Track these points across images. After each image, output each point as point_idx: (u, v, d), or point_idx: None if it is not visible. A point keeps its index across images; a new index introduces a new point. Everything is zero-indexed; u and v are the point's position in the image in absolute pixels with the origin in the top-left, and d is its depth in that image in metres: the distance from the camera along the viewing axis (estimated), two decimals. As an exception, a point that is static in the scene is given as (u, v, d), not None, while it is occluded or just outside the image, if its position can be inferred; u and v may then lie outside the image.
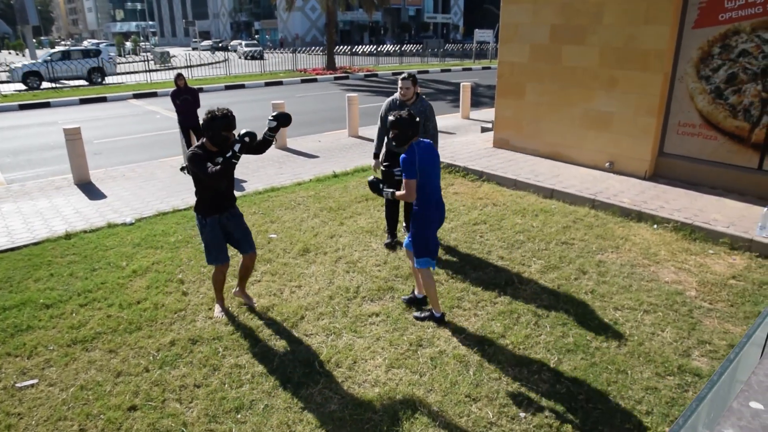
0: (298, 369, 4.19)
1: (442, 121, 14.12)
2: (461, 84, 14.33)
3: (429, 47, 45.61)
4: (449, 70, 33.17)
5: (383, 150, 6.23)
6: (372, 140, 12.08)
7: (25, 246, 6.73)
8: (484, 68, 34.53)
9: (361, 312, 4.94)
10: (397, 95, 6.03)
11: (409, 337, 4.57)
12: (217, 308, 4.97)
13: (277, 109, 10.94)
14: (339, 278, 5.60)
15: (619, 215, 7.20)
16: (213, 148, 4.42)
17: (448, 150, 10.43)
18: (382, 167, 6.22)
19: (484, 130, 12.60)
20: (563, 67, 9.22)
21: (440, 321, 4.73)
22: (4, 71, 26.68)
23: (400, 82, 5.93)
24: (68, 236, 6.92)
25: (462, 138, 11.76)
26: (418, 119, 4.34)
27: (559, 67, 9.27)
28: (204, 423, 3.67)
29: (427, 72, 31.99)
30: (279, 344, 4.52)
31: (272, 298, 5.22)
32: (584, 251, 6.13)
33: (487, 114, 14.66)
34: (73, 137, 9.34)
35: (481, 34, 45.58)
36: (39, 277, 5.81)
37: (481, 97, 19.47)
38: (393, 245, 6.34)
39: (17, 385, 4.13)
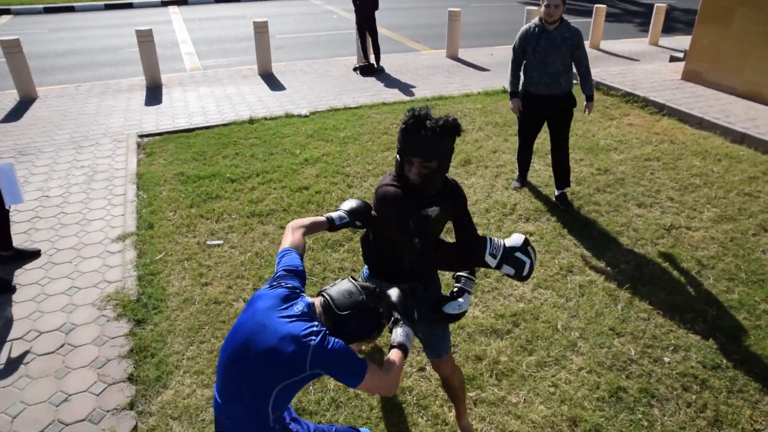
0: (448, 273, 4.39)
1: (626, 45, 12.92)
2: (655, 5, 12.85)
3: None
4: (642, -12, 29.65)
5: None
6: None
7: (216, 126, 7.55)
8: (684, -12, 30.37)
9: (515, 229, 4.97)
10: (536, 20, 5.02)
11: (560, 261, 4.54)
12: None
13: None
14: (497, 193, 5.62)
15: (825, 171, 6.28)
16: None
17: (629, 77, 9.61)
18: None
19: (673, 59, 11.34)
20: (790, -8, 7.86)
21: None
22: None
23: None
24: (251, 121, 7.63)
25: (646, 66, 10.72)
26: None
27: (786, -10, 7.92)
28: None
29: (616, -12, 28.90)
30: (431, 246, 4.73)
31: (429, 203, 5.41)
32: (772, 205, 5.50)
33: (679, 42, 13.09)
34: (260, 30, 9.99)
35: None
36: (227, 155, 6.54)
37: (674, 22, 17.34)
38: (521, 188, 5.82)
39: (208, 242, 4.82)
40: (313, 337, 1.85)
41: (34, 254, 4.69)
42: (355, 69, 10.44)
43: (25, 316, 4.03)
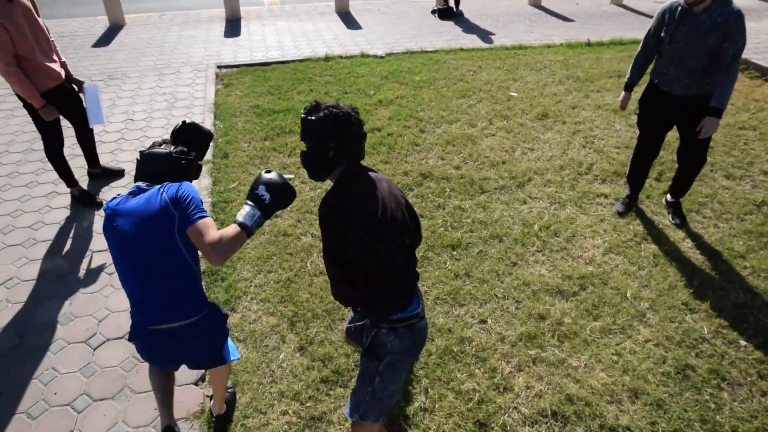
0: (516, 227, 4.30)
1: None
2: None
3: None
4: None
5: None
6: (638, 13, 10.75)
7: (292, 61, 7.54)
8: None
9: (589, 189, 4.79)
10: None
11: (635, 227, 4.35)
12: None
13: None
14: (573, 151, 5.41)
15: None
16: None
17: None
18: None
19: (784, 20, 10.36)
20: None
21: None
22: None
23: None
24: (327, 59, 7.57)
25: (751, 24, 9.84)
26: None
27: None
28: (423, 249, 4.04)
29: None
30: (502, 198, 4.64)
31: (503, 155, 5.27)
32: None
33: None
34: (342, -36, 9.78)
35: None
36: (301, 90, 6.55)
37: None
38: (624, 214, 4.54)
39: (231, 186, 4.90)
40: (164, 187, 2.13)
41: (119, 173, 4.91)
42: (433, 12, 10.11)
43: (107, 231, 4.26)
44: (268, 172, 2.19)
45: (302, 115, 2.17)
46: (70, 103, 4.34)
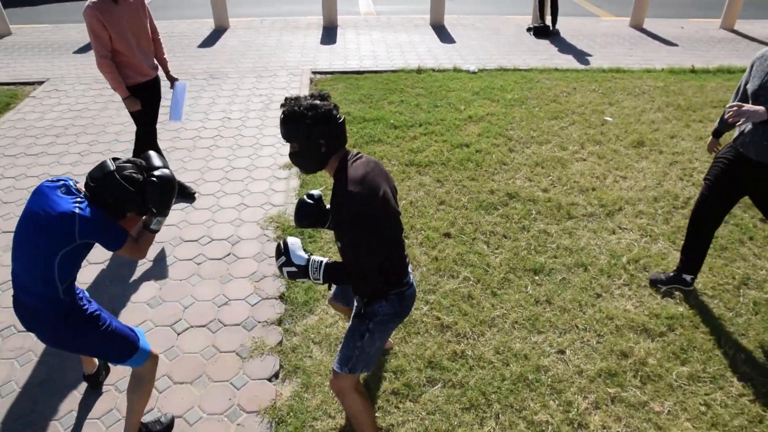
0: (603, 257, 4.14)
1: None
2: None
3: None
4: None
5: None
6: (751, 39, 10.12)
7: (385, 71, 7.65)
8: None
9: (685, 225, 4.53)
10: None
11: (734, 270, 4.08)
12: None
13: None
14: (670, 182, 5.15)
15: None
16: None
17: None
18: None
19: None
20: None
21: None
22: None
23: None
24: (419, 71, 7.63)
25: None
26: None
27: None
28: (503, 271, 3.97)
29: None
30: (590, 226, 4.49)
31: (594, 181, 5.10)
32: None
33: None
34: (441, -22, 9.83)
35: None
36: (392, 101, 6.63)
37: None
38: (659, 286, 3.93)
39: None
40: (78, 207, 2.21)
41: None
42: (528, 29, 9.96)
43: (201, 222, 4.48)
44: (157, 174, 2.35)
45: (282, 117, 2.16)
46: (152, 100, 4.51)
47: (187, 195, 4.80)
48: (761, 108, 2.95)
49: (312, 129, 2.12)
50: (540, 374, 3.21)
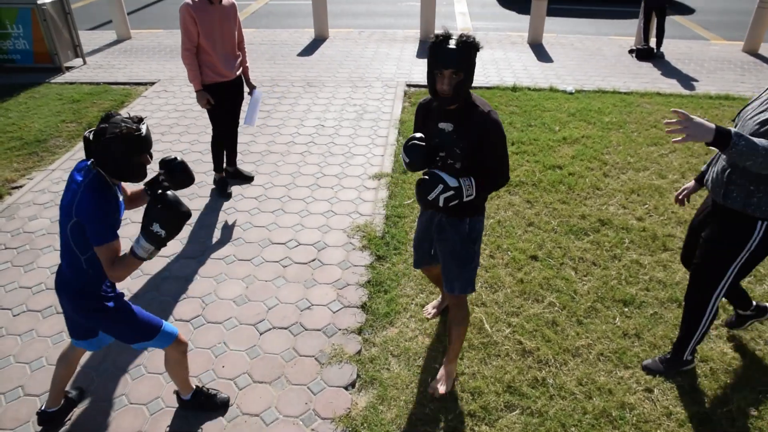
0: (700, 294, 3.90)
1: None
2: None
3: None
4: None
5: None
6: None
7: (480, 87, 7.62)
8: None
9: (797, 268, 4.20)
10: None
11: None
12: None
13: None
14: None
15: None
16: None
17: None
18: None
19: None
20: None
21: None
22: None
23: None
24: (514, 89, 7.54)
25: None
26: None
27: None
28: (591, 299, 3.83)
29: None
30: (686, 262, 4.24)
31: (693, 213, 4.82)
32: None
33: None
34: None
35: None
36: (483, 117, 6.57)
37: None
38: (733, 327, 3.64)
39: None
40: (85, 187, 2.32)
41: (249, 179, 5.29)
42: (631, 51, 9.58)
43: (289, 226, 4.64)
44: (163, 195, 2.33)
45: (455, 48, 2.47)
46: (228, 101, 4.80)
47: (245, 177, 5.26)
48: (711, 125, 2.34)
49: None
50: (624, 412, 3.06)
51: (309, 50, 9.37)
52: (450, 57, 2.43)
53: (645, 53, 9.31)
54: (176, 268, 4.17)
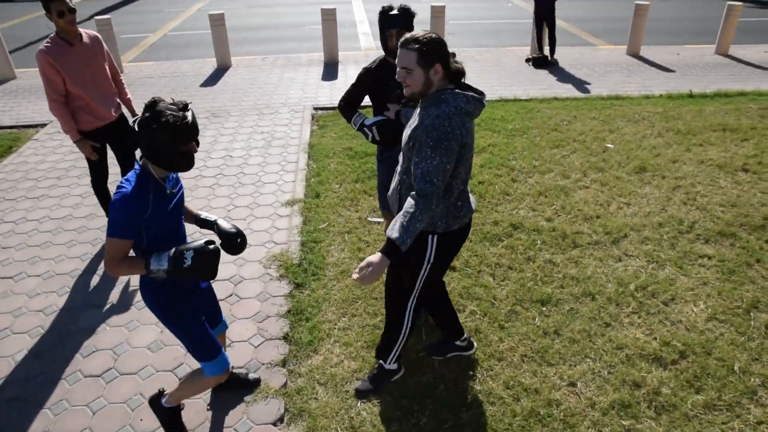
0: (610, 285, 4.10)
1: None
2: None
3: None
4: None
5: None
6: (746, 63, 10.19)
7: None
8: None
9: (691, 249, 4.49)
10: None
11: (743, 293, 4.02)
12: None
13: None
14: (673, 207, 5.12)
15: None
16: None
17: None
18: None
19: None
20: None
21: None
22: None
23: None
24: (419, 104, 7.70)
25: None
26: None
27: None
28: (510, 303, 3.92)
29: None
30: (596, 254, 4.45)
31: (598, 208, 5.08)
32: None
33: None
34: (437, 15, 10.00)
35: None
36: (392, 134, 6.66)
37: None
38: None
39: (369, 219, 4.97)
40: (126, 181, 2.35)
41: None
42: (527, 60, 10.08)
43: (203, 263, 4.45)
44: (209, 243, 2.47)
45: (399, 12, 3.43)
46: (118, 138, 4.46)
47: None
48: (378, 257, 2.45)
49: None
50: (552, 408, 3.13)
51: (212, 80, 9.17)
52: (396, 20, 3.34)
53: (541, 61, 9.82)
54: (83, 320, 3.89)
